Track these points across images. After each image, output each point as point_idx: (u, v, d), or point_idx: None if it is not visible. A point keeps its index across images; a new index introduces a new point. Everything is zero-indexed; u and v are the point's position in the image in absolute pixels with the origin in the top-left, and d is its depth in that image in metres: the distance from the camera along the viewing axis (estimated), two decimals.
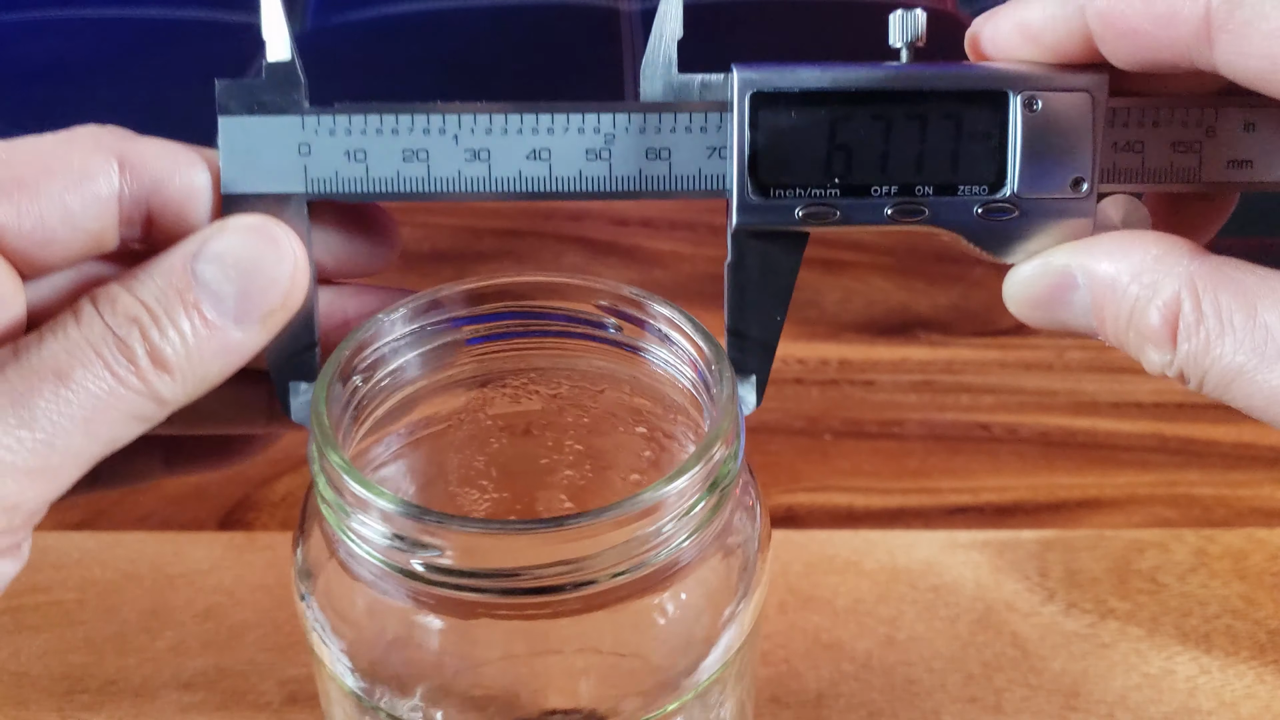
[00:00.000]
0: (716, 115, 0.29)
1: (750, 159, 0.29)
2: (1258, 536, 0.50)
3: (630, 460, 0.34)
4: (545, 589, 0.26)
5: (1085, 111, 0.29)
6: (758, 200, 0.29)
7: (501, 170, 0.29)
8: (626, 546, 0.26)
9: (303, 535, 0.30)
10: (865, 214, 0.30)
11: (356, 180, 0.29)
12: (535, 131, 0.29)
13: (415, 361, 0.32)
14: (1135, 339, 0.27)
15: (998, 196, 0.29)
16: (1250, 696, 0.43)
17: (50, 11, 1.41)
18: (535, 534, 0.25)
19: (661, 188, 0.29)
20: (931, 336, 0.63)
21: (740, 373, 0.30)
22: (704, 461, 0.27)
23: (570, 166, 0.29)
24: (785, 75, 0.29)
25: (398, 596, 0.27)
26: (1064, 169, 0.29)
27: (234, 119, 0.29)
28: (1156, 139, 0.30)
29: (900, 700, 0.43)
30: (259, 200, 0.29)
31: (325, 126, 0.29)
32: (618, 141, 0.29)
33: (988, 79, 0.29)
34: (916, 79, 0.29)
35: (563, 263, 0.71)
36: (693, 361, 0.31)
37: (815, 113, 0.29)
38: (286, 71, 0.29)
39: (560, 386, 0.34)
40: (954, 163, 0.29)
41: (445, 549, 0.25)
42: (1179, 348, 0.26)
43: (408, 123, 0.29)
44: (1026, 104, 0.29)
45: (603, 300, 0.32)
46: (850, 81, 0.29)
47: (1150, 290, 0.27)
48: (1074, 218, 0.30)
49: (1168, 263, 0.27)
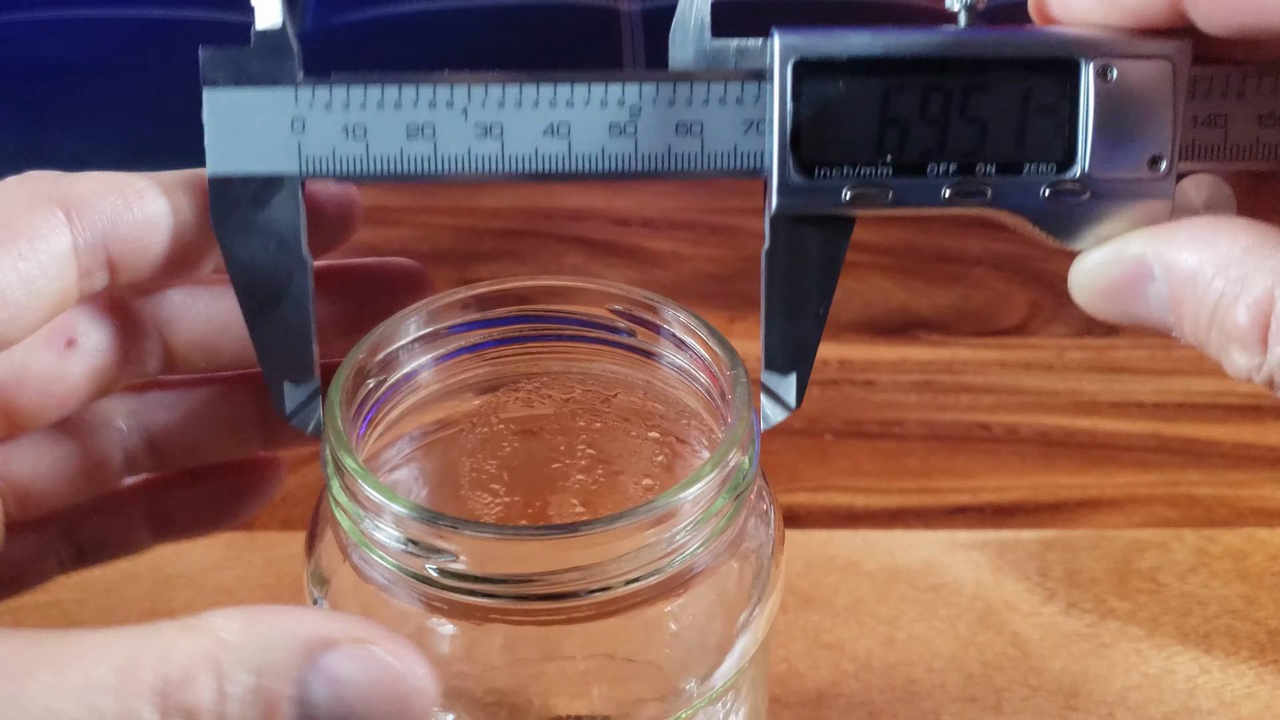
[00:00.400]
0: (754, 85, 0.26)
1: (792, 134, 0.26)
2: (1258, 536, 0.50)
3: (643, 465, 0.34)
4: (559, 595, 0.25)
5: (1165, 82, 0.26)
6: (800, 181, 0.27)
7: (516, 147, 0.27)
8: (641, 553, 0.25)
9: (315, 539, 0.29)
10: (920, 195, 0.27)
11: (356, 159, 0.27)
12: (553, 104, 0.26)
13: (428, 365, 0.31)
14: (1218, 339, 0.25)
15: (1067, 176, 0.27)
16: (1250, 696, 0.43)
17: (50, 11, 1.41)
18: (549, 540, 0.25)
19: (693, 166, 0.27)
20: (931, 336, 0.63)
21: (779, 371, 0.28)
22: (720, 468, 0.26)
23: (592, 143, 0.26)
24: (832, 41, 0.26)
25: (410, 601, 0.27)
26: (1141, 146, 0.27)
27: (220, 91, 0.26)
28: (1241, 112, 0.27)
29: (900, 700, 0.43)
30: (248, 182, 0.27)
31: (320, 100, 0.26)
32: (644, 115, 0.26)
33: (1057, 45, 0.26)
34: (978, 45, 0.26)
35: (563, 263, 0.71)
36: (707, 366, 0.30)
37: (865, 83, 0.26)
38: (278, 39, 0.26)
39: (573, 391, 0.34)
40: (1019, 138, 0.27)
41: (459, 554, 0.25)
42: (1271, 351, 0.24)
43: (412, 95, 0.26)
44: (1100, 73, 0.26)
45: (617, 305, 0.31)
46: (904, 48, 0.26)
47: (1238, 285, 0.24)
48: (1151, 200, 0.27)
49: (1258, 255, 0.24)
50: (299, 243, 0.28)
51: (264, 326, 0.28)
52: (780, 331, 0.28)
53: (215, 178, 0.27)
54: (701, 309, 0.31)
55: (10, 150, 1.18)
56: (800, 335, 0.28)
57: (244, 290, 0.28)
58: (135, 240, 0.27)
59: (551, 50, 1.36)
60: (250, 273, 0.27)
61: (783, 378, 0.28)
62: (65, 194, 0.26)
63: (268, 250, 0.27)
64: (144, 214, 0.27)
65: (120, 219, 0.26)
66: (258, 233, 0.27)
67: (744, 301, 0.29)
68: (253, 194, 0.27)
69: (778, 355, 0.28)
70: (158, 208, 0.27)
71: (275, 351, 0.28)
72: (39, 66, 1.28)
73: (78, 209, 0.26)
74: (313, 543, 0.29)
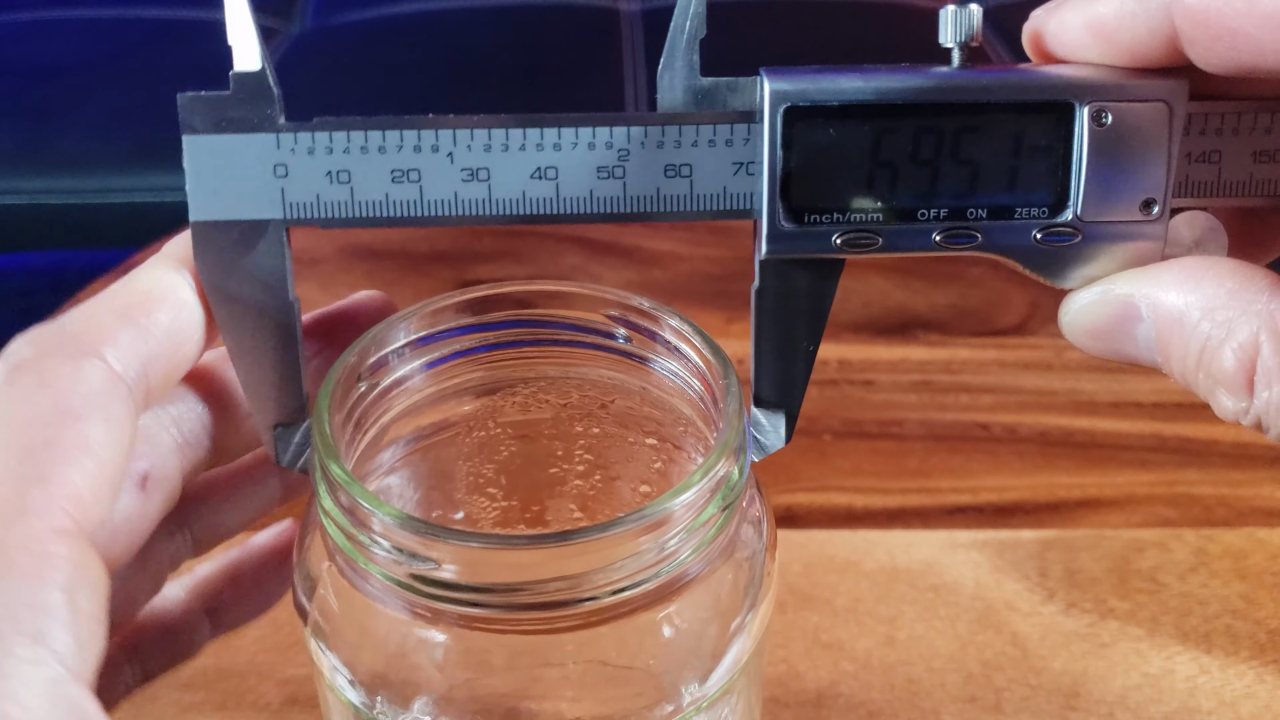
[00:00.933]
0: (743, 127, 0.26)
1: (782, 181, 0.26)
2: (1258, 536, 0.50)
3: (640, 471, 0.34)
4: (547, 604, 0.25)
5: (1161, 124, 0.26)
6: (790, 227, 0.26)
7: (503, 191, 0.26)
8: (630, 562, 0.25)
9: (302, 544, 0.29)
10: (911, 240, 0.27)
11: (340, 204, 0.26)
12: (540, 148, 0.26)
13: (423, 369, 0.31)
14: (1205, 381, 0.25)
15: (1059, 220, 0.26)
16: (1250, 696, 0.43)
17: (50, 11, 1.41)
18: (536, 549, 0.25)
19: (682, 208, 0.27)
20: (930, 336, 0.63)
21: (768, 409, 0.28)
22: (708, 477, 0.26)
23: (580, 186, 0.26)
24: (823, 86, 0.26)
25: (397, 608, 0.26)
26: (1134, 189, 0.26)
27: (200, 138, 0.26)
28: (1236, 148, 0.26)
29: (900, 700, 0.43)
30: (232, 227, 0.26)
31: (303, 145, 0.26)
32: (632, 157, 0.26)
33: (1051, 88, 0.26)
34: (970, 88, 0.26)
35: (562, 263, 0.71)
36: (700, 374, 0.30)
37: (856, 127, 0.26)
38: (257, 83, 0.26)
39: (570, 396, 0.33)
40: (1011, 182, 0.26)
41: (444, 562, 0.25)
42: (1257, 396, 0.24)
43: (396, 140, 0.26)
44: (1094, 117, 0.26)
45: (612, 310, 0.31)
46: (896, 92, 0.26)
47: (1223, 329, 0.24)
48: (1143, 242, 0.26)
49: (1245, 298, 0.24)
50: (285, 286, 0.27)
51: (253, 371, 0.27)
52: (769, 370, 0.28)
53: (198, 224, 0.26)
54: (700, 309, 0.31)
55: (10, 150, 1.18)
56: (789, 374, 0.28)
57: (231, 335, 0.27)
58: (165, 359, 0.26)
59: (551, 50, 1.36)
60: (237, 317, 0.27)
61: (772, 415, 0.28)
62: (92, 347, 0.25)
63: (254, 294, 0.27)
64: (164, 331, 0.26)
65: (149, 351, 0.26)
66: (244, 277, 0.27)
67: (742, 302, 0.29)
68: (237, 239, 0.27)
69: (767, 393, 0.28)
70: (173, 317, 0.26)
71: (265, 395, 0.28)
72: (39, 66, 1.28)
73: (114, 360, 0.25)
74: (300, 547, 0.29)
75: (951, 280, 0.67)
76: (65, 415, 0.24)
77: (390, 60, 1.31)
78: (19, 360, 0.24)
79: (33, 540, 0.22)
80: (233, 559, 0.32)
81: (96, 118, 1.21)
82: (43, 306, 0.70)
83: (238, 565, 0.32)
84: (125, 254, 0.74)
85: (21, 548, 0.22)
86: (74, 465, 0.23)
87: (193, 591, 0.32)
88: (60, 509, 0.23)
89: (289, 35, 1.40)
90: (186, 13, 1.37)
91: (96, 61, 1.29)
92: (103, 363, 0.25)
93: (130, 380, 0.25)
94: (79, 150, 1.18)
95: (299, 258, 0.27)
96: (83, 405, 0.24)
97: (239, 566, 0.32)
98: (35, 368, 0.24)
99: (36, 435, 0.23)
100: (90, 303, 0.26)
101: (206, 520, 0.31)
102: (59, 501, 0.23)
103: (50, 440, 0.23)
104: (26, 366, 0.24)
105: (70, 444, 0.23)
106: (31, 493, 0.23)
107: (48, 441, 0.23)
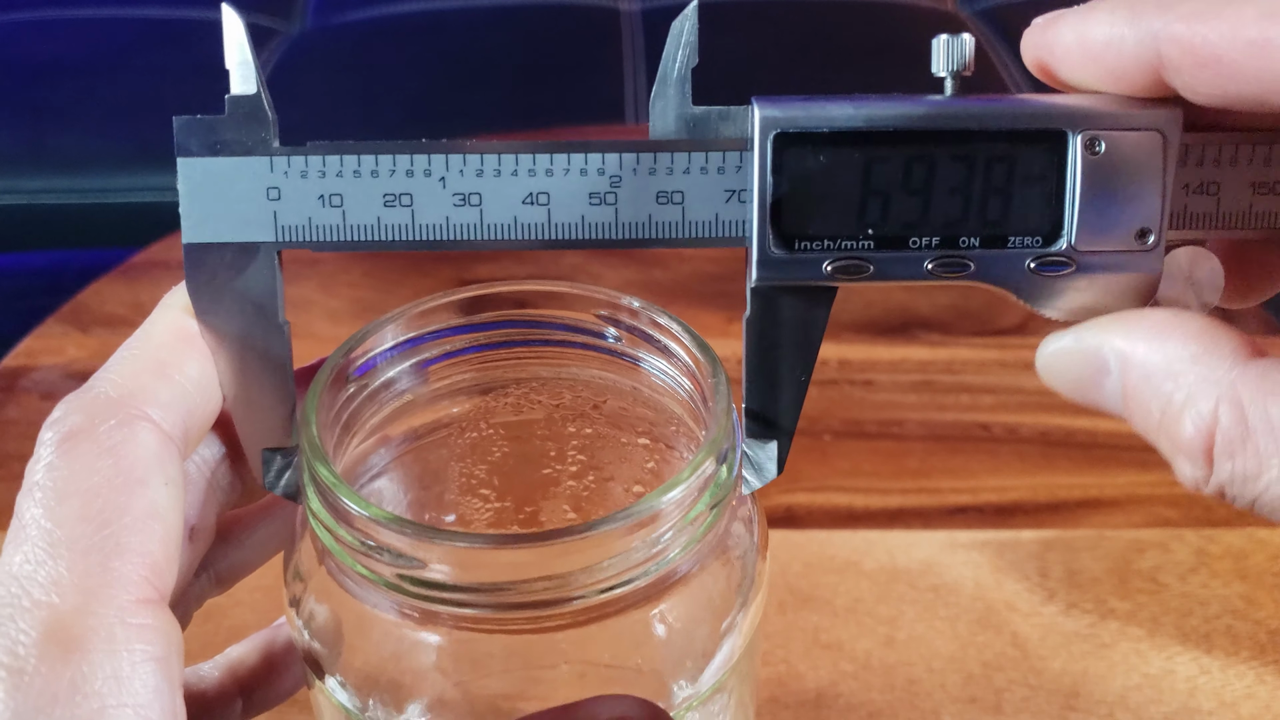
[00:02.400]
0: (735, 155, 0.26)
1: (773, 207, 0.26)
2: (1258, 536, 0.50)
3: (633, 471, 0.34)
4: (535, 604, 0.25)
5: (1155, 154, 0.26)
6: (780, 254, 0.26)
7: (495, 216, 0.26)
8: (617, 561, 0.25)
9: (293, 547, 0.29)
10: (902, 268, 0.26)
11: (332, 228, 0.26)
12: (532, 173, 0.26)
13: (413, 369, 0.31)
14: (1167, 445, 0.24)
15: (1052, 250, 0.26)
16: (1250, 697, 0.43)
17: (50, 11, 1.41)
18: (521, 548, 0.25)
19: (674, 235, 0.26)
20: (931, 336, 0.63)
21: (759, 438, 0.28)
22: (696, 475, 0.26)
23: (572, 212, 0.26)
24: (813, 113, 0.26)
25: (387, 610, 0.26)
26: (1128, 219, 0.26)
27: (194, 160, 0.26)
28: (1235, 179, 0.26)
29: (900, 700, 0.43)
30: (224, 249, 0.26)
31: (296, 168, 0.26)
32: (625, 184, 0.26)
33: (1044, 116, 0.26)
34: (963, 116, 0.26)
35: (562, 262, 0.71)
36: (690, 372, 0.30)
37: (847, 154, 0.26)
38: (253, 106, 0.26)
39: (563, 396, 0.33)
40: (1004, 211, 0.26)
41: (431, 562, 0.25)
42: (1217, 466, 0.23)
43: (389, 164, 0.26)
44: (1088, 145, 0.25)
45: (602, 310, 0.31)
46: (887, 120, 0.26)
47: (1184, 395, 0.23)
48: (1138, 273, 0.26)
49: (1206, 365, 0.23)
50: (276, 309, 0.27)
51: (243, 394, 0.27)
52: (761, 400, 0.28)
53: (191, 245, 0.27)
54: (700, 309, 0.31)
55: (10, 150, 1.18)
56: (781, 403, 0.28)
57: (221, 358, 0.27)
58: (201, 410, 0.27)
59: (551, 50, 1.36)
60: (227, 339, 0.27)
61: (764, 445, 0.28)
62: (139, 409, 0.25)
63: (245, 316, 0.27)
64: (196, 383, 0.26)
65: (188, 407, 0.26)
66: (235, 299, 0.27)
67: (742, 302, 0.29)
68: (229, 261, 0.27)
69: (758, 423, 0.28)
70: (202, 367, 0.27)
71: (255, 419, 0.28)
72: (39, 66, 1.28)
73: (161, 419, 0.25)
74: (290, 549, 0.29)
75: None
76: (130, 482, 0.24)
77: (390, 60, 1.31)
78: (72, 428, 0.24)
79: (124, 613, 0.23)
80: (265, 639, 0.33)
81: (96, 118, 1.21)
82: (43, 306, 0.70)
83: (270, 645, 0.32)
84: (125, 254, 0.74)
85: (118, 622, 0.23)
86: (147, 532, 0.24)
87: (227, 671, 0.32)
88: (142, 578, 0.23)
89: (289, 35, 1.40)
90: (186, 12, 1.37)
91: (96, 61, 1.29)
92: (152, 424, 0.25)
93: (177, 438, 0.25)
94: (79, 150, 1.18)
95: (298, 257, 0.27)
96: (144, 470, 0.24)
97: (271, 646, 0.32)
98: (91, 435, 0.24)
99: (108, 504, 0.24)
100: (120, 360, 0.26)
101: (230, 559, 0.31)
102: (140, 570, 0.23)
103: (121, 508, 0.24)
104: (82, 434, 0.24)
105: (141, 511, 0.24)
106: (113, 565, 0.23)
107: (119, 509, 0.24)
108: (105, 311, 0.68)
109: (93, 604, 0.23)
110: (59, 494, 0.23)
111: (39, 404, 0.60)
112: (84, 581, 0.23)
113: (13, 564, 0.23)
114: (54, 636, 0.22)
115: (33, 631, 0.22)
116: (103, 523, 0.23)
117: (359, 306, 0.68)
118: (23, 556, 0.23)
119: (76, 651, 0.22)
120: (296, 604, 0.28)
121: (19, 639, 0.22)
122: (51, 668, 0.22)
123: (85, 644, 0.22)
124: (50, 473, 0.24)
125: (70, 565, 0.23)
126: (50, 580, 0.23)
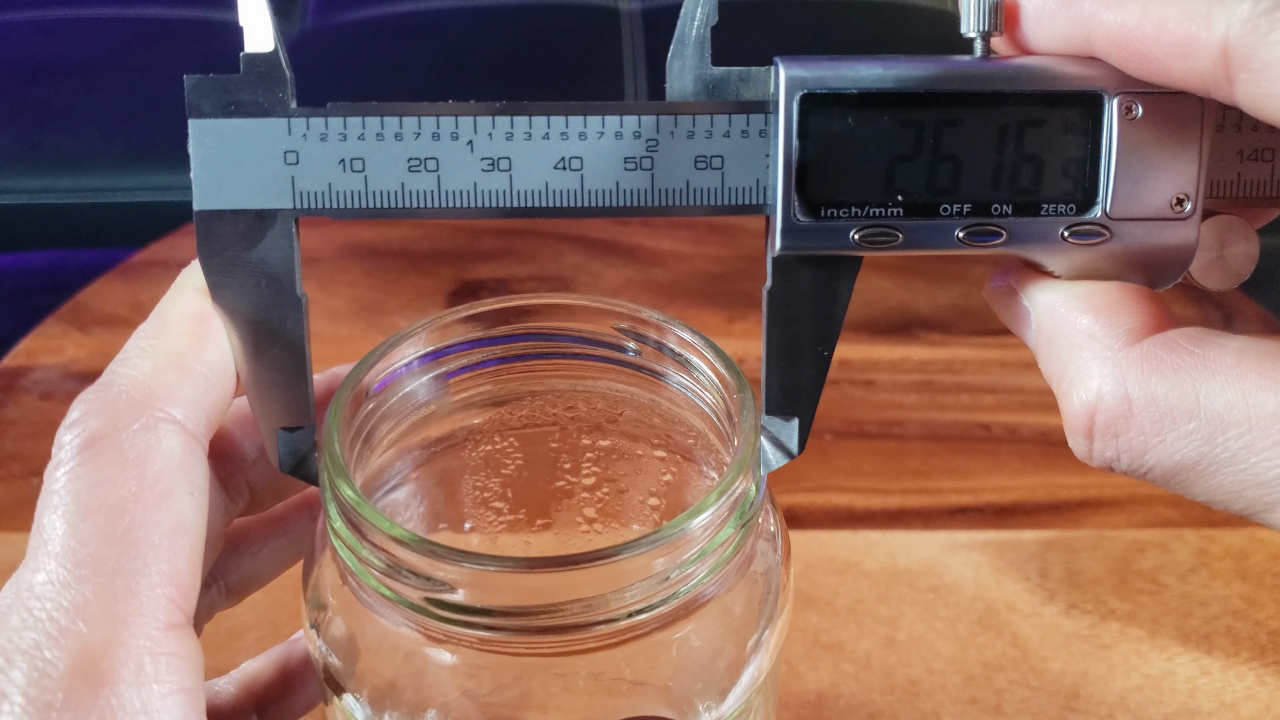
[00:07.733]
0: (760, 118, 0.25)
1: (798, 172, 0.25)
2: (1259, 536, 0.50)
3: (650, 484, 0.33)
4: (562, 628, 0.24)
5: (1193, 118, 0.24)
6: (806, 222, 0.25)
7: (525, 182, 0.25)
8: (646, 584, 0.25)
9: (312, 563, 0.29)
10: (933, 237, 0.25)
11: (353, 194, 0.25)
12: (565, 137, 0.25)
13: (431, 383, 0.31)
14: (1062, 414, 0.24)
15: (1087, 217, 0.25)
16: (1251, 698, 0.43)
17: (50, 11, 1.41)
18: (550, 572, 0.24)
19: (713, 201, 0.25)
20: (931, 336, 0.63)
21: (781, 416, 0.27)
22: (726, 496, 0.25)
23: (606, 178, 0.25)
24: (841, 73, 0.24)
25: (409, 628, 0.26)
26: (1165, 185, 0.25)
27: (207, 122, 0.24)
28: None
29: (900, 701, 0.43)
30: (238, 217, 0.25)
31: (315, 131, 0.25)
32: (661, 148, 0.25)
33: (1080, 78, 0.24)
34: (995, 77, 0.25)
35: (563, 262, 0.71)
36: (713, 388, 0.29)
37: (876, 117, 0.25)
38: (269, 65, 0.24)
39: (579, 409, 0.33)
40: (1038, 177, 0.25)
41: (459, 586, 0.24)
42: (1099, 443, 0.24)
43: (414, 126, 0.25)
44: (1124, 109, 0.24)
45: (621, 323, 0.31)
46: (917, 81, 0.24)
47: (1075, 371, 0.24)
48: (1174, 241, 0.25)
49: (1096, 346, 0.24)
50: (294, 281, 0.26)
51: (256, 370, 0.26)
52: (781, 376, 0.27)
53: (203, 213, 0.25)
54: (701, 308, 0.31)
55: (10, 150, 1.18)
56: (803, 380, 0.27)
57: (235, 333, 0.26)
58: (223, 400, 0.26)
59: (551, 50, 1.36)
60: (241, 313, 0.26)
61: (785, 423, 0.27)
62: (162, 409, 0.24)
63: (260, 289, 0.26)
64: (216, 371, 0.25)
65: (210, 400, 0.25)
66: (249, 271, 0.26)
67: (743, 301, 0.28)
68: (243, 230, 0.25)
69: (779, 400, 0.27)
70: (220, 353, 0.26)
71: (269, 397, 0.26)
72: (39, 66, 1.28)
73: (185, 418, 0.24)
74: (310, 566, 0.29)
75: (953, 280, 0.67)
76: (156, 495, 0.23)
77: (390, 60, 1.31)
78: (93, 433, 0.23)
79: (152, 643, 0.22)
80: (281, 655, 0.32)
81: (96, 118, 1.21)
82: (42, 306, 0.70)
83: (286, 661, 0.32)
84: (125, 254, 0.74)
85: (147, 653, 0.22)
86: (173, 550, 0.23)
87: (242, 687, 0.31)
88: (169, 601, 0.23)
89: (288, 35, 1.40)
90: (186, 12, 1.37)
91: (96, 61, 1.29)
92: (176, 425, 0.24)
93: (201, 435, 0.25)
94: (79, 150, 1.18)
95: None
96: (169, 480, 0.24)
97: (288, 662, 0.32)
98: (114, 442, 0.23)
99: (134, 521, 0.23)
100: (139, 352, 0.25)
101: (241, 570, 0.30)
102: (167, 592, 0.23)
103: (146, 523, 0.23)
104: (104, 440, 0.23)
105: (167, 527, 0.23)
106: (140, 589, 0.23)
107: (144, 524, 0.23)
108: (105, 311, 0.68)
109: (122, 634, 0.22)
110: (82, 508, 0.23)
111: (38, 404, 0.60)
112: (111, 609, 0.22)
113: (35, 581, 0.22)
114: (83, 670, 0.22)
115: (60, 664, 0.22)
116: (129, 543, 0.23)
117: (359, 306, 0.68)
118: (46, 575, 0.22)
119: (105, 685, 0.22)
120: (316, 620, 0.28)
121: (47, 671, 0.22)
122: (80, 701, 0.22)
123: (114, 676, 0.22)
124: (72, 482, 0.23)
125: (97, 591, 0.22)
126: (76, 606, 0.22)
